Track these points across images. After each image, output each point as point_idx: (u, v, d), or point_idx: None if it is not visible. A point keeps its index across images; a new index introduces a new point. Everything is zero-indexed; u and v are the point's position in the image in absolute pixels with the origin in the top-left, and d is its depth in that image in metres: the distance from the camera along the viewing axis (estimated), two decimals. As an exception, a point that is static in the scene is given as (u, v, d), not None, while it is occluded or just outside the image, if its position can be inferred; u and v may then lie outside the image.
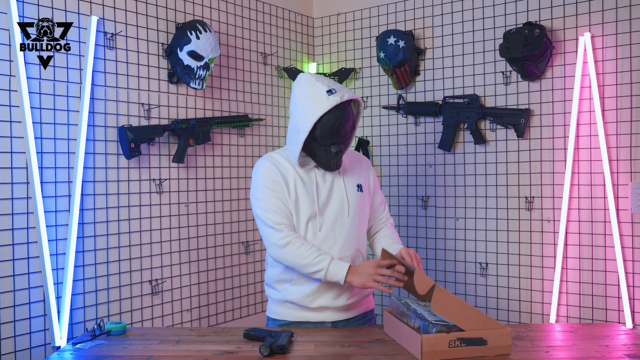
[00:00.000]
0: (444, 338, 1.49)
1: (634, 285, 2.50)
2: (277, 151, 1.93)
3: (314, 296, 1.85)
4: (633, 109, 2.50)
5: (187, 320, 2.74)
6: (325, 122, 1.76)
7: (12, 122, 2.12)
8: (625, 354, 1.57)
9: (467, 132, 2.92)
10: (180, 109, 2.71)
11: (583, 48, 2.58)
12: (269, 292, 1.95)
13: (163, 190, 2.63)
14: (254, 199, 1.85)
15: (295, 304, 1.87)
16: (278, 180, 1.82)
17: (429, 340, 1.48)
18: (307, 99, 1.77)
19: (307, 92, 1.78)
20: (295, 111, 1.82)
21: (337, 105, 1.76)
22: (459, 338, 1.49)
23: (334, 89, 1.77)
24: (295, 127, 1.81)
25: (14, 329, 2.12)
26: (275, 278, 1.90)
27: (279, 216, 1.80)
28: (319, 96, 1.75)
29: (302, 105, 1.78)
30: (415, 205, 3.12)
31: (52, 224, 2.21)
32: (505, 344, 1.54)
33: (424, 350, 1.48)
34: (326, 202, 1.86)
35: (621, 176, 2.53)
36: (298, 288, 1.85)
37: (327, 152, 1.81)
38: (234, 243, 2.98)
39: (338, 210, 1.87)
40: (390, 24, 3.19)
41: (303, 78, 1.82)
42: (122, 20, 2.47)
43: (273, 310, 1.94)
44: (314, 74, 1.84)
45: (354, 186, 1.92)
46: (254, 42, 3.11)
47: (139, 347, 1.69)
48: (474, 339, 1.51)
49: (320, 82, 1.78)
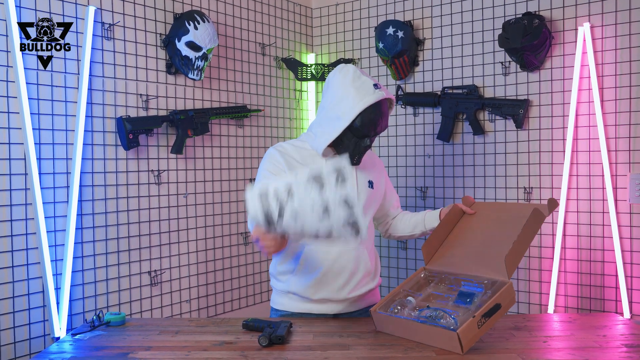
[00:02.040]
0: (473, 323, 1.50)
1: (632, 275, 2.51)
2: (291, 141, 1.93)
3: (316, 288, 1.85)
4: (632, 99, 2.50)
5: (186, 311, 2.75)
6: (367, 114, 1.78)
7: (10, 114, 2.11)
8: (623, 344, 1.58)
9: (466, 123, 2.91)
10: (179, 100, 2.70)
11: (582, 38, 2.57)
12: (273, 283, 1.96)
13: (162, 181, 2.62)
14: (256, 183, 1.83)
15: (298, 295, 1.88)
16: (282, 168, 1.83)
17: (465, 333, 1.48)
18: (353, 89, 1.78)
19: (352, 82, 1.79)
20: (336, 99, 1.82)
21: (378, 101, 1.79)
22: (483, 315, 1.51)
23: (378, 84, 1.81)
24: (335, 114, 1.81)
25: (13, 320, 2.13)
26: (278, 268, 1.91)
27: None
28: (366, 88, 1.78)
29: (346, 94, 1.79)
30: (414, 196, 3.12)
31: (51, 215, 2.21)
32: (511, 298, 1.58)
33: (464, 343, 1.49)
34: None
35: (620, 167, 2.53)
36: (300, 279, 1.86)
37: (357, 144, 1.83)
38: (233, 234, 2.98)
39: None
40: (389, 14, 3.17)
41: (348, 69, 1.83)
42: (120, 10, 2.46)
43: (276, 301, 1.95)
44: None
45: (365, 181, 1.94)
46: (252, 32, 3.10)
47: (138, 337, 1.69)
48: (492, 308, 1.53)
49: (365, 75, 1.82)
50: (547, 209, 1.74)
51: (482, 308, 1.52)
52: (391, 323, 1.67)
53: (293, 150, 1.88)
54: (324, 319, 1.85)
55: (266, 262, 3.17)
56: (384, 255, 3.21)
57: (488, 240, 1.77)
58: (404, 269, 3.15)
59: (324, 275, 1.84)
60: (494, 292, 1.59)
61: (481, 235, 1.82)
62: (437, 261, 1.84)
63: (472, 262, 1.74)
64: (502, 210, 1.89)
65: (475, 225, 1.87)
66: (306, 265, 1.84)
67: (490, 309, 1.53)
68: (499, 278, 1.62)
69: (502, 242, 1.68)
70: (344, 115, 1.78)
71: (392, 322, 1.67)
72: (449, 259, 1.82)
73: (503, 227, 1.76)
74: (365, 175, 1.96)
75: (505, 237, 1.68)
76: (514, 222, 1.73)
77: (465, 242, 1.83)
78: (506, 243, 1.65)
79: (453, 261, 1.80)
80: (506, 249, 1.62)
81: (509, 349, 1.53)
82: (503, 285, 1.58)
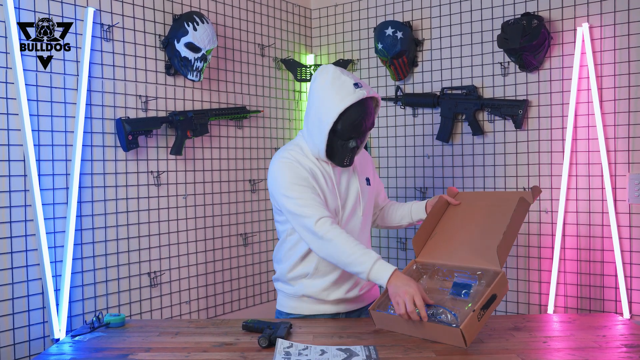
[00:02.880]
0: (474, 317, 1.52)
1: (632, 275, 2.51)
2: (287, 148, 1.88)
3: (330, 290, 1.87)
4: (631, 99, 2.50)
5: (186, 312, 2.75)
6: (348, 116, 1.74)
7: (9, 115, 2.11)
8: (623, 344, 1.58)
9: (465, 124, 2.91)
10: (178, 101, 2.70)
11: (581, 39, 2.57)
12: (281, 287, 1.95)
13: (161, 182, 2.62)
14: (283, 198, 1.78)
15: (313, 297, 1.89)
16: (305, 176, 1.79)
17: (467, 327, 1.50)
18: (332, 90, 1.74)
19: (332, 83, 1.75)
20: (317, 102, 1.78)
21: (361, 101, 1.74)
22: (482, 308, 1.53)
23: (360, 83, 1.76)
24: (318, 117, 1.77)
25: (13, 321, 2.12)
26: (289, 274, 1.90)
27: (318, 209, 1.74)
28: (346, 89, 1.73)
29: (326, 96, 1.75)
30: (413, 197, 3.12)
31: (50, 216, 2.21)
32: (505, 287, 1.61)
33: (467, 337, 1.51)
34: (345, 198, 1.88)
35: (619, 167, 2.53)
36: (314, 282, 1.87)
37: (344, 146, 1.80)
38: (232, 235, 2.98)
39: (354, 205, 1.90)
40: (388, 14, 3.18)
41: (328, 70, 1.79)
42: (119, 11, 2.46)
43: (287, 305, 1.94)
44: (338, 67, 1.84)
45: (364, 180, 1.95)
46: (251, 33, 3.10)
47: (137, 339, 1.69)
48: (489, 299, 1.55)
49: (345, 75, 1.77)
50: (531, 197, 1.77)
51: (480, 301, 1.54)
52: (391, 321, 1.68)
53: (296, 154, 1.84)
54: (324, 320, 1.85)
55: (266, 264, 3.17)
56: (384, 256, 3.21)
57: (477, 230, 1.79)
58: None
59: (338, 278, 1.86)
60: (488, 282, 1.61)
61: (469, 225, 1.83)
62: (428, 253, 1.85)
63: (464, 253, 1.75)
64: (487, 199, 1.93)
65: (462, 216, 1.89)
66: (321, 270, 1.86)
67: (488, 301, 1.55)
68: (491, 268, 1.64)
69: (492, 231, 1.71)
70: (325, 118, 1.74)
71: (393, 320, 1.67)
72: (439, 250, 1.83)
73: (490, 216, 1.79)
74: (363, 173, 1.96)
75: (494, 226, 1.71)
76: (500, 209, 1.76)
77: (454, 233, 1.85)
78: (495, 232, 1.68)
79: (444, 253, 1.81)
80: (496, 239, 1.64)
81: (509, 350, 1.53)
82: (496, 275, 1.60)
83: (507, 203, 1.75)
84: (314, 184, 1.79)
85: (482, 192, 2.27)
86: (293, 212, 1.77)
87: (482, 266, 1.67)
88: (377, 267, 1.67)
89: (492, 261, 1.64)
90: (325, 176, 1.84)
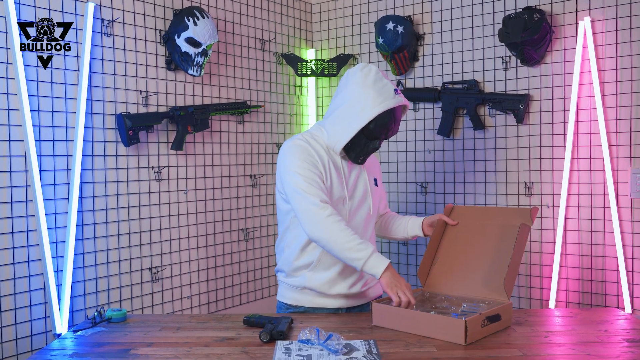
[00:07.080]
0: (478, 319, 1.55)
1: (633, 270, 2.51)
2: (300, 135, 1.91)
3: (331, 283, 1.88)
4: (633, 93, 2.49)
5: (187, 307, 2.75)
6: (383, 117, 1.80)
7: (10, 110, 2.11)
8: (624, 339, 1.58)
9: (466, 118, 2.91)
10: (179, 96, 2.69)
11: (583, 32, 2.56)
12: (283, 278, 1.96)
13: (162, 177, 2.62)
14: (291, 174, 1.79)
15: (315, 290, 1.89)
16: (315, 160, 1.82)
17: (471, 324, 1.52)
18: (374, 90, 1.79)
19: (374, 83, 1.80)
20: (353, 97, 1.81)
21: (396, 107, 1.81)
22: (487, 317, 1.58)
23: (398, 89, 1.84)
24: (351, 113, 1.80)
25: (15, 316, 2.13)
26: (292, 264, 1.91)
27: (322, 193, 1.77)
28: (387, 92, 1.80)
29: (367, 94, 1.79)
30: (414, 192, 3.12)
31: (52, 212, 2.21)
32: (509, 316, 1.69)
33: (469, 332, 1.52)
34: (352, 191, 1.90)
35: (621, 161, 2.53)
36: (316, 274, 1.88)
37: (366, 145, 1.85)
38: (233, 230, 2.98)
39: (361, 200, 1.92)
40: (388, 9, 3.17)
41: (370, 69, 1.83)
42: (119, 7, 2.45)
43: (288, 296, 1.95)
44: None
45: (372, 180, 1.98)
46: (252, 28, 3.09)
47: (139, 334, 1.69)
48: (494, 315, 1.60)
49: (386, 79, 1.84)
50: (529, 219, 1.81)
51: (486, 312, 1.58)
52: (392, 315, 1.68)
53: (312, 140, 1.87)
54: (325, 315, 1.86)
55: (267, 259, 3.17)
56: (384, 251, 3.21)
57: (480, 257, 1.83)
58: (405, 274, 3.15)
59: (341, 272, 1.87)
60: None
61: (472, 252, 1.86)
62: (434, 284, 1.89)
63: (471, 284, 1.80)
64: (484, 217, 1.93)
65: (463, 240, 1.91)
66: (324, 262, 1.86)
67: (493, 316, 1.60)
68: (499, 299, 1.71)
69: (495, 259, 1.78)
70: (360, 116, 1.79)
71: (393, 313, 1.67)
72: (446, 280, 1.87)
73: (492, 241, 1.83)
74: (371, 173, 1.99)
75: (497, 253, 1.78)
76: (501, 233, 1.82)
77: (457, 261, 1.88)
78: (500, 261, 1.75)
79: (450, 283, 1.85)
80: (502, 269, 1.72)
81: (510, 344, 1.54)
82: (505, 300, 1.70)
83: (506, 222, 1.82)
84: (322, 170, 1.82)
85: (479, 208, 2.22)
86: (297, 190, 1.77)
87: (490, 297, 1.73)
88: (374, 257, 1.72)
89: (499, 293, 1.71)
90: (335, 166, 1.87)
